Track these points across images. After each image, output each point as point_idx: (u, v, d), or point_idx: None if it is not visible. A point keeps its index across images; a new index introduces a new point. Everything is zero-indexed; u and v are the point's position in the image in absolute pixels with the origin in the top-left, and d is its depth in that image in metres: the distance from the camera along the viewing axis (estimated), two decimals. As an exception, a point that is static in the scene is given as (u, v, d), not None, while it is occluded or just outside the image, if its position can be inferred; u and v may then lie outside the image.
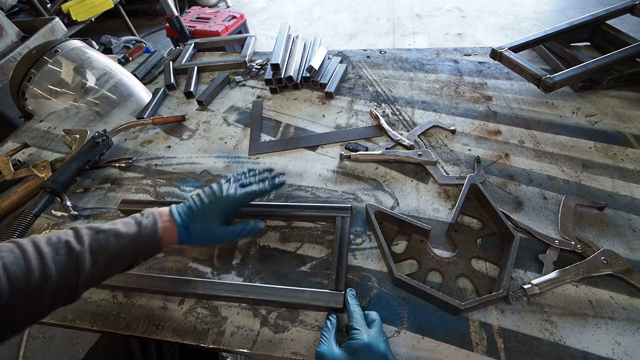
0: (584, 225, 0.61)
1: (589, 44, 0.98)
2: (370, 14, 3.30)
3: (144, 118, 0.93)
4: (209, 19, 2.39)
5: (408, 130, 0.82)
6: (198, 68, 1.10)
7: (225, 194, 0.55)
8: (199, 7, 2.67)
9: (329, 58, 1.04)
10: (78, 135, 0.88)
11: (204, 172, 0.80)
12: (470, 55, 1.03)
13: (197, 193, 0.56)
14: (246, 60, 1.09)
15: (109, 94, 0.96)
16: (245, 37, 1.20)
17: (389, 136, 0.80)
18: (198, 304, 0.57)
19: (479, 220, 0.63)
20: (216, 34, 2.25)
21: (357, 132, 0.83)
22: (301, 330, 0.53)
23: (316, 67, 0.96)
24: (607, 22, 0.93)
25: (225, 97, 1.01)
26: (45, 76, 0.88)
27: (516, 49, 0.87)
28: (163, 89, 1.05)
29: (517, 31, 2.77)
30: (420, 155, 0.74)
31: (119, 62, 1.17)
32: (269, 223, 0.68)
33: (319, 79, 0.96)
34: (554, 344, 0.48)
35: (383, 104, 0.90)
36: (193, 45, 1.22)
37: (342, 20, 3.26)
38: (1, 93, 1.40)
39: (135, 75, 1.07)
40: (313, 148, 0.82)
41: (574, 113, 0.81)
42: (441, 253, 0.59)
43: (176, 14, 1.90)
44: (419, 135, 0.80)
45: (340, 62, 1.03)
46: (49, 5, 2.25)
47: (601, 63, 0.78)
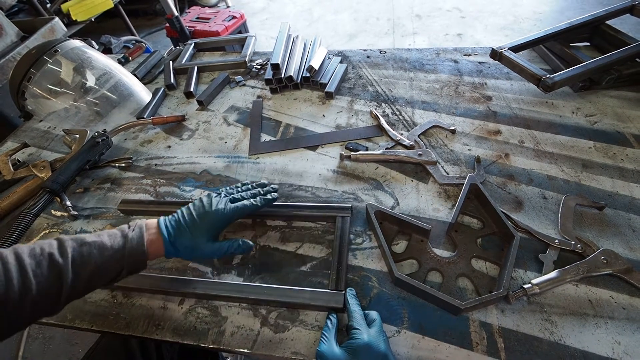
0: (583, 225, 0.61)
1: (588, 44, 0.98)
2: (370, 14, 3.30)
3: (143, 118, 0.93)
4: (209, 19, 2.39)
5: (408, 130, 0.82)
6: (198, 68, 1.10)
7: (214, 209, 0.55)
8: (199, 7, 2.67)
9: (329, 58, 1.04)
10: (78, 135, 0.88)
11: (204, 172, 0.80)
12: (470, 55, 1.03)
13: (187, 206, 0.56)
14: (246, 60, 1.09)
15: (108, 93, 0.96)
16: (245, 37, 1.20)
17: (389, 136, 0.80)
18: (198, 303, 0.57)
19: (479, 220, 0.63)
20: (216, 34, 2.25)
21: (357, 132, 0.83)
22: (301, 330, 0.53)
23: (316, 67, 0.96)
24: (607, 23, 0.93)
25: (225, 97, 1.01)
26: (45, 76, 0.88)
27: (516, 49, 0.87)
28: (163, 88, 1.05)
29: (517, 31, 2.77)
30: (420, 155, 0.74)
31: (119, 62, 1.17)
32: (269, 223, 0.68)
33: (319, 79, 0.96)
34: (554, 343, 0.48)
35: (383, 104, 0.90)
36: (193, 45, 1.22)
37: (342, 20, 3.26)
38: (1, 93, 1.39)
39: (135, 75, 1.07)
40: (313, 148, 0.82)
41: (573, 113, 0.81)
42: (441, 253, 0.59)
43: (176, 14, 1.90)
44: (419, 135, 0.80)
45: (340, 62, 1.03)
46: (48, 5, 2.25)
47: (601, 63, 0.78)
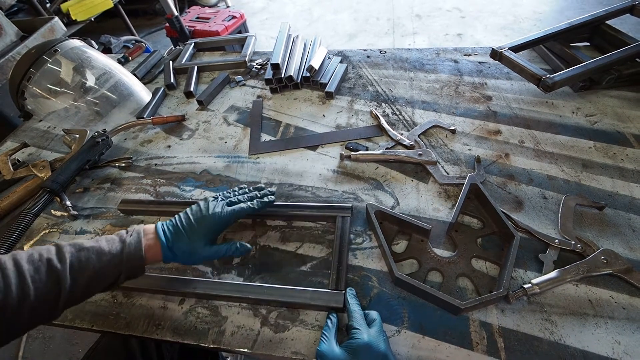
0: (583, 225, 0.61)
1: (588, 44, 0.98)
2: (370, 14, 3.30)
3: (143, 118, 0.93)
4: (208, 18, 2.39)
5: (408, 130, 0.82)
6: (198, 68, 1.10)
7: (211, 212, 0.55)
8: (199, 7, 2.67)
9: (329, 58, 1.04)
10: (77, 135, 0.88)
11: (204, 172, 0.80)
12: (470, 55, 1.03)
13: (185, 211, 0.56)
14: (246, 60, 1.09)
15: (108, 93, 0.96)
16: (245, 37, 1.19)
17: (389, 136, 0.80)
18: (198, 303, 0.57)
19: (479, 220, 0.63)
20: (216, 33, 2.25)
21: (358, 132, 0.83)
22: (301, 329, 0.53)
23: (316, 67, 0.96)
24: (607, 22, 0.93)
25: (225, 97, 1.01)
26: (44, 76, 0.88)
27: (516, 49, 0.87)
28: (163, 88, 1.04)
29: (517, 31, 2.77)
30: (420, 155, 0.74)
31: (119, 62, 1.17)
32: (269, 223, 0.68)
33: (319, 79, 0.96)
34: (554, 343, 0.48)
35: (383, 104, 0.90)
36: (193, 45, 1.22)
37: (342, 20, 3.26)
38: (0, 92, 1.39)
39: (135, 74, 1.07)
40: (313, 148, 0.82)
41: (573, 113, 0.81)
42: (441, 252, 0.59)
43: (176, 13, 1.89)
44: (419, 135, 0.80)
45: (341, 62, 1.03)
46: (48, 5, 2.25)
47: (601, 63, 0.78)
